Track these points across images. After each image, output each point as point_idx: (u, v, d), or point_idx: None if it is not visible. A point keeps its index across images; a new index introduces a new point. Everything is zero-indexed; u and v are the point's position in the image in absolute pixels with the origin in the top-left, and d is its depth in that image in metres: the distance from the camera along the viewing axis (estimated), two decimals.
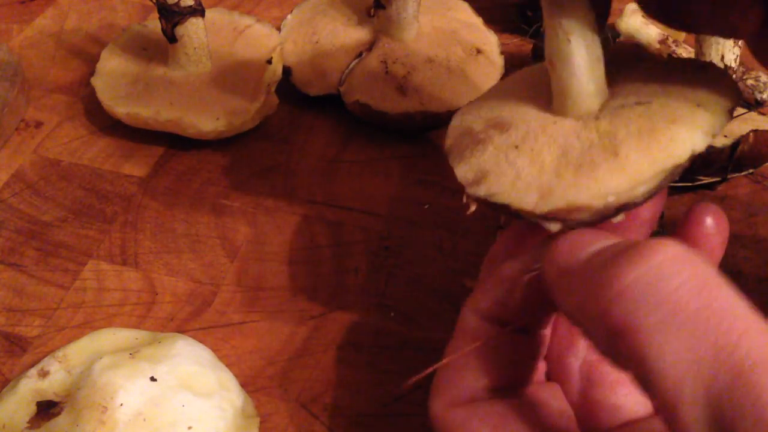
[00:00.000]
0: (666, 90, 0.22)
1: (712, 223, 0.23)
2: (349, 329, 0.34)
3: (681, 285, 0.18)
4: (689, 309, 0.17)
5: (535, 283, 0.23)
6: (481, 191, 0.23)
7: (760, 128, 0.37)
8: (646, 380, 0.18)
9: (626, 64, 0.25)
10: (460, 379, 0.24)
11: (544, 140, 0.23)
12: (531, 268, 0.23)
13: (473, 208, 0.23)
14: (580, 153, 0.22)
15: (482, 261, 0.26)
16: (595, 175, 0.21)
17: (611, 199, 0.20)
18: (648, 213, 0.24)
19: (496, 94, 0.26)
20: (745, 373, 0.16)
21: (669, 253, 0.18)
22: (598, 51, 0.23)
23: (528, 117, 0.24)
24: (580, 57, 0.22)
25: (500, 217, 0.24)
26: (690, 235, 0.23)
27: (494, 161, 0.23)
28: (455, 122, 0.26)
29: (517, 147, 0.23)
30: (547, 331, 0.26)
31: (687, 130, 0.21)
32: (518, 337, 0.24)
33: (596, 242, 0.20)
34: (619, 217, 0.21)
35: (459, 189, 0.24)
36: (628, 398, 0.25)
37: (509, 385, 0.24)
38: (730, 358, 0.16)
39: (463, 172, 0.24)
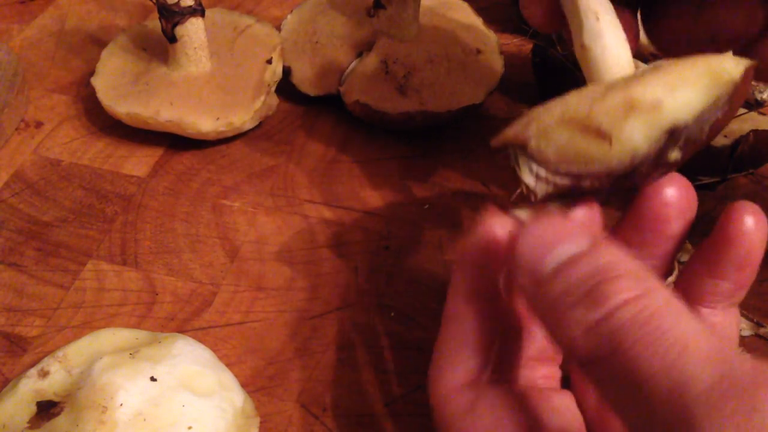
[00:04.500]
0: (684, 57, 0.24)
1: (752, 222, 0.22)
2: (349, 329, 0.34)
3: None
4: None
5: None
6: (532, 126, 0.23)
7: (760, 128, 0.37)
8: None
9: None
10: (458, 359, 0.24)
11: (587, 88, 0.24)
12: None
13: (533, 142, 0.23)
14: (624, 80, 0.23)
15: None
16: (644, 81, 0.22)
17: (660, 95, 0.21)
18: (676, 228, 0.24)
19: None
20: None
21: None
22: (618, 22, 0.25)
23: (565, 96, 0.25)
24: (610, 30, 0.24)
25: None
26: (728, 234, 0.23)
27: (541, 110, 0.24)
28: (497, 139, 0.27)
29: (563, 98, 0.24)
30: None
31: (718, 57, 0.22)
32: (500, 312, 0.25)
33: (562, 241, 0.20)
34: (675, 154, 0.22)
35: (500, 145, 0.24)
36: None
37: (502, 365, 0.25)
38: None
39: (512, 130, 0.24)
